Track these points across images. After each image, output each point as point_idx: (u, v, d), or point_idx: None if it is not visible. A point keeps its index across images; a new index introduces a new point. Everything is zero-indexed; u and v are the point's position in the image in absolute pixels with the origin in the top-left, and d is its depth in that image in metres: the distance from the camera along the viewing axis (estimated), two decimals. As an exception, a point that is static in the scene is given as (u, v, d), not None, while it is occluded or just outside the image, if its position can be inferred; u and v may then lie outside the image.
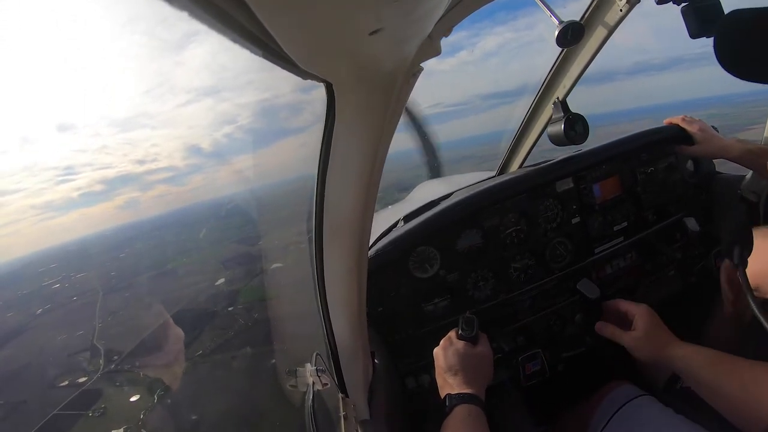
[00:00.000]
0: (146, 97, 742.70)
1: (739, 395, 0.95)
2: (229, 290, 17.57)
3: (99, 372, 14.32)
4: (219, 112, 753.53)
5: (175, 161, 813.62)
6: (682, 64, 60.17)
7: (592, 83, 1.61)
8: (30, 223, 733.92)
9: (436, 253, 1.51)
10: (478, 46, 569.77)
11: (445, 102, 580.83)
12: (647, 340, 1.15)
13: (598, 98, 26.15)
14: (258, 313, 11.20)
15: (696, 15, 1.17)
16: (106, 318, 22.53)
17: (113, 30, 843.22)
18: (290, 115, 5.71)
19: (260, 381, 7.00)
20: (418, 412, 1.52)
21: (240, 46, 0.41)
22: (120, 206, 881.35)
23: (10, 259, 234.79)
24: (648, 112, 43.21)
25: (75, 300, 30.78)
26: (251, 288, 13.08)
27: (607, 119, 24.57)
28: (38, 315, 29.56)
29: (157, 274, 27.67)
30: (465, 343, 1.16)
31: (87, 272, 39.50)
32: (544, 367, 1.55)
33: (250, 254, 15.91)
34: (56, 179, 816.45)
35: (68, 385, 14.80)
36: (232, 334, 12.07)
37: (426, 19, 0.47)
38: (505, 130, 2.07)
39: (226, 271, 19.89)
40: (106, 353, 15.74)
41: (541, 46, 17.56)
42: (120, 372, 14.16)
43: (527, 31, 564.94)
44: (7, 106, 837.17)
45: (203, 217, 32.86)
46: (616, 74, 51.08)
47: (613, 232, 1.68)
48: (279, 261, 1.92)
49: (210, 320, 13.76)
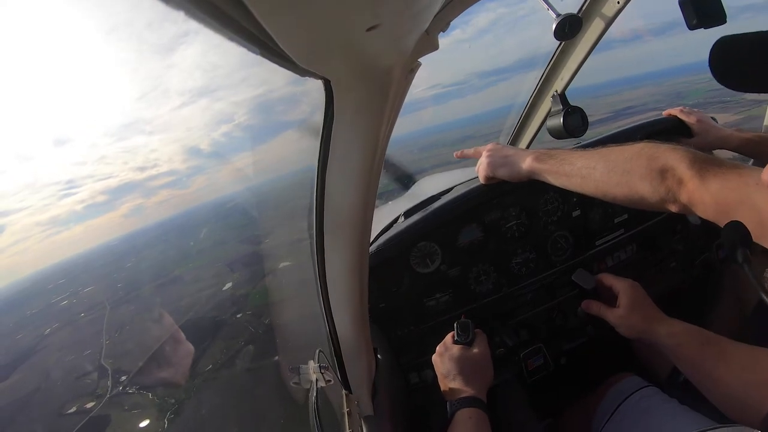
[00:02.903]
0: (141, 102, 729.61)
1: (727, 379, 0.94)
2: (238, 295, 17.47)
3: (107, 395, 14.11)
4: (216, 111, 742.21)
5: (175, 164, 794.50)
6: (676, 28, 60.92)
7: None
8: (37, 240, 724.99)
9: (437, 249, 1.52)
10: (471, 23, 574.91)
11: (443, 83, 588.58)
12: (631, 316, 1.14)
13: (599, 67, 26.32)
14: (264, 314, 11.15)
15: (694, 6, 1.16)
16: (113, 335, 22.34)
17: (99, 38, 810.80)
18: (289, 108, 5.71)
19: (267, 383, 7.03)
20: (421, 408, 1.53)
21: (237, 45, 0.41)
22: (125, 215, 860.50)
23: (20, 278, 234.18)
24: (649, 79, 42.87)
25: (83, 316, 30.57)
26: (259, 292, 13.03)
27: (609, 88, 24.43)
28: (47, 335, 29.25)
29: (164, 283, 27.48)
30: (461, 347, 1.17)
31: (94, 285, 39.43)
32: (547, 361, 1.55)
33: (254, 254, 15.85)
34: (59, 194, 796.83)
35: (76, 412, 14.57)
36: (242, 342, 11.98)
37: (423, 14, 0.47)
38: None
39: (233, 274, 19.73)
40: (114, 373, 15.53)
41: (535, 18, 17.15)
42: (128, 395, 13.93)
43: (521, 5, 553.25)
44: (1, 125, 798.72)
45: (209, 218, 32.82)
46: (612, 42, 51.83)
47: (613, 225, 1.68)
48: (281, 260, 1.92)
49: (218, 329, 13.62)
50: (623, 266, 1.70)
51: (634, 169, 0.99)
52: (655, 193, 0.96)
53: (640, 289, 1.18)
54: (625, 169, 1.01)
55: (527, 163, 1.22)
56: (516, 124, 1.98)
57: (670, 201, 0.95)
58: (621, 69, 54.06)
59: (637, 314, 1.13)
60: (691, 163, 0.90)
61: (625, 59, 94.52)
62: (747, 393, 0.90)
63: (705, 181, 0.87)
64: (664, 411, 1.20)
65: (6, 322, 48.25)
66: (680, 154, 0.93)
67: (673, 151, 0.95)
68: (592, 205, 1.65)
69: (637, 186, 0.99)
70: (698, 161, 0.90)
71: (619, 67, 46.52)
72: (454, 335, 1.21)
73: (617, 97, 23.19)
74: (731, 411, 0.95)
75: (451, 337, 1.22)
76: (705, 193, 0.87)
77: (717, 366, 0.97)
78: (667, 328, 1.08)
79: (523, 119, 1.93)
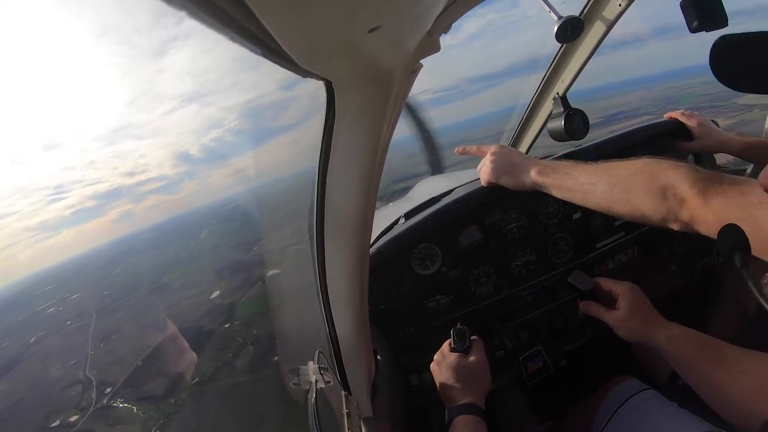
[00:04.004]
0: (131, 107, 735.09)
1: (725, 383, 0.94)
2: (227, 303, 17.24)
3: (91, 408, 13.89)
4: (206, 115, 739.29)
5: (165, 170, 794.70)
6: (667, 33, 59.86)
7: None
8: (26, 246, 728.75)
9: (437, 250, 1.52)
10: (462, 29, 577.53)
11: (433, 88, 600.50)
12: (631, 319, 1.14)
13: (590, 72, 26.31)
14: (263, 316, 11.05)
15: (696, 9, 1.16)
16: (98, 344, 21.99)
17: (88, 42, 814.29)
18: (284, 112, 5.54)
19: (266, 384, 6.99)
20: (421, 409, 1.53)
21: (239, 45, 0.41)
22: (114, 220, 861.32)
23: (8, 284, 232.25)
24: (640, 83, 42.75)
25: (69, 324, 30.22)
26: (257, 294, 12.87)
27: (600, 92, 24.41)
28: (32, 344, 28.84)
29: (152, 290, 27.17)
30: (457, 355, 1.18)
31: (82, 292, 39.05)
32: (547, 363, 1.55)
33: (250, 258, 15.71)
34: (47, 199, 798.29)
35: (60, 426, 14.34)
36: (241, 344, 11.84)
37: (425, 15, 0.47)
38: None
39: (224, 281, 19.48)
40: (98, 385, 15.27)
41: (526, 23, 16.98)
42: (112, 408, 13.66)
43: (512, 10, 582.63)
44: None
45: (200, 223, 32.52)
46: (603, 48, 52.04)
47: (614, 228, 1.68)
48: (281, 261, 1.92)
49: (208, 339, 13.43)
50: (624, 269, 1.69)
51: (636, 187, 1.00)
52: (657, 212, 0.96)
53: (640, 292, 1.18)
54: (627, 187, 1.01)
55: (531, 175, 1.24)
56: (517, 126, 1.98)
57: (671, 220, 0.96)
58: (612, 73, 54.09)
59: (637, 317, 1.13)
60: (693, 182, 0.90)
61: (616, 63, 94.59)
62: (745, 397, 0.90)
63: (707, 200, 0.88)
64: (664, 414, 1.20)
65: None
66: (682, 173, 0.93)
67: (675, 169, 0.95)
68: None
69: (638, 204, 0.99)
70: (700, 180, 0.90)
71: (611, 72, 46.81)
72: (451, 343, 1.21)
73: (609, 101, 23.18)
74: (729, 415, 0.94)
75: (448, 345, 1.22)
76: (707, 211, 0.88)
77: (714, 370, 0.96)
78: (665, 332, 1.07)
79: (525, 121, 1.93)
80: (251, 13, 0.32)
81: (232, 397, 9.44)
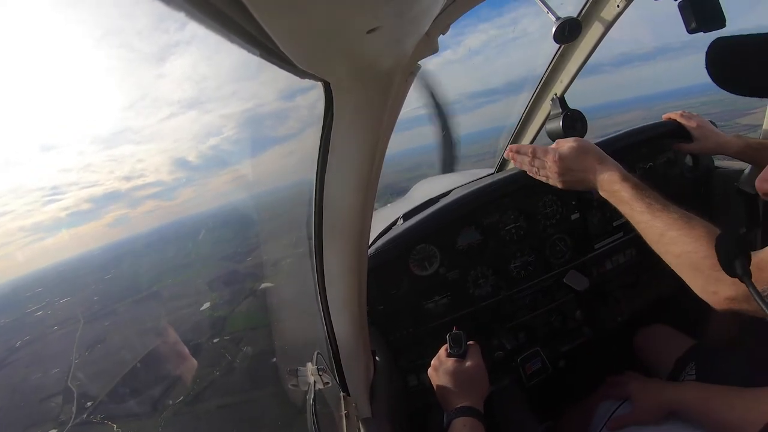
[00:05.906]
0: (129, 111, 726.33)
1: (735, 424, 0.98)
2: (217, 316, 16.92)
3: (70, 423, 13.56)
4: (204, 123, 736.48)
5: (162, 175, 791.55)
6: (668, 53, 59.35)
7: (579, 76, 1.61)
8: (19, 246, 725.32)
9: (436, 251, 1.52)
10: (463, 44, 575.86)
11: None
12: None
13: (588, 91, 26.05)
14: (263, 316, 10.94)
15: (694, 9, 1.16)
16: (83, 353, 21.59)
17: (89, 45, 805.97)
18: (283, 122, 5.55)
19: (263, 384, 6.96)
20: (419, 410, 1.52)
21: (238, 47, 0.40)
22: (109, 224, 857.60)
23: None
24: (639, 102, 42.91)
25: (55, 330, 29.63)
26: (248, 303, 12.67)
27: (599, 111, 24.48)
28: (17, 348, 28.22)
29: (144, 297, 26.66)
30: (454, 361, 1.18)
31: (71, 296, 38.42)
32: (545, 364, 1.55)
33: (246, 266, 15.52)
34: (43, 200, 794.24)
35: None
36: (240, 346, 11.70)
37: (423, 16, 0.47)
38: (504, 126, 2.06)
39: (215, 293, 19.11)
40: (79, 398, 14.92)
41: (526, 41, 17.20)
42: (91, 424, 13.32)
43: (512, 27, 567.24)
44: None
45: (196, 230, 32.15)
46: (602, 66, 51.60)
47: (612, 228, 1.68)
48: (280, 264, 1.92)
49: (206, 344, 13.18)
50: (622, 269, 1.70)
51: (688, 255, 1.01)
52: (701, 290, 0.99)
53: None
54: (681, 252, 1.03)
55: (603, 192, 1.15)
56: (515, 127, 1.97)
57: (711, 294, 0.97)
58: (611, 92, 54.58)
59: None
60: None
61: (615, 83, 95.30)
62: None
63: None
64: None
65: (-22, 332, 47.09)
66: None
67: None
68: (590, 208, 1.65)
69: (686, 274, 1.03)
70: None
71: (610, 91, 46.95)
72: (447, 348, 1.21)
73: (608, 120, 23.19)
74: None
75: (445, 350, 1.22)
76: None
77: (723, 412, 1.01)
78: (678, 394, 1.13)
79: (523, 122, 1.93)
80: (249, 14, 0.32)
81: (232, 397, 9.42)
